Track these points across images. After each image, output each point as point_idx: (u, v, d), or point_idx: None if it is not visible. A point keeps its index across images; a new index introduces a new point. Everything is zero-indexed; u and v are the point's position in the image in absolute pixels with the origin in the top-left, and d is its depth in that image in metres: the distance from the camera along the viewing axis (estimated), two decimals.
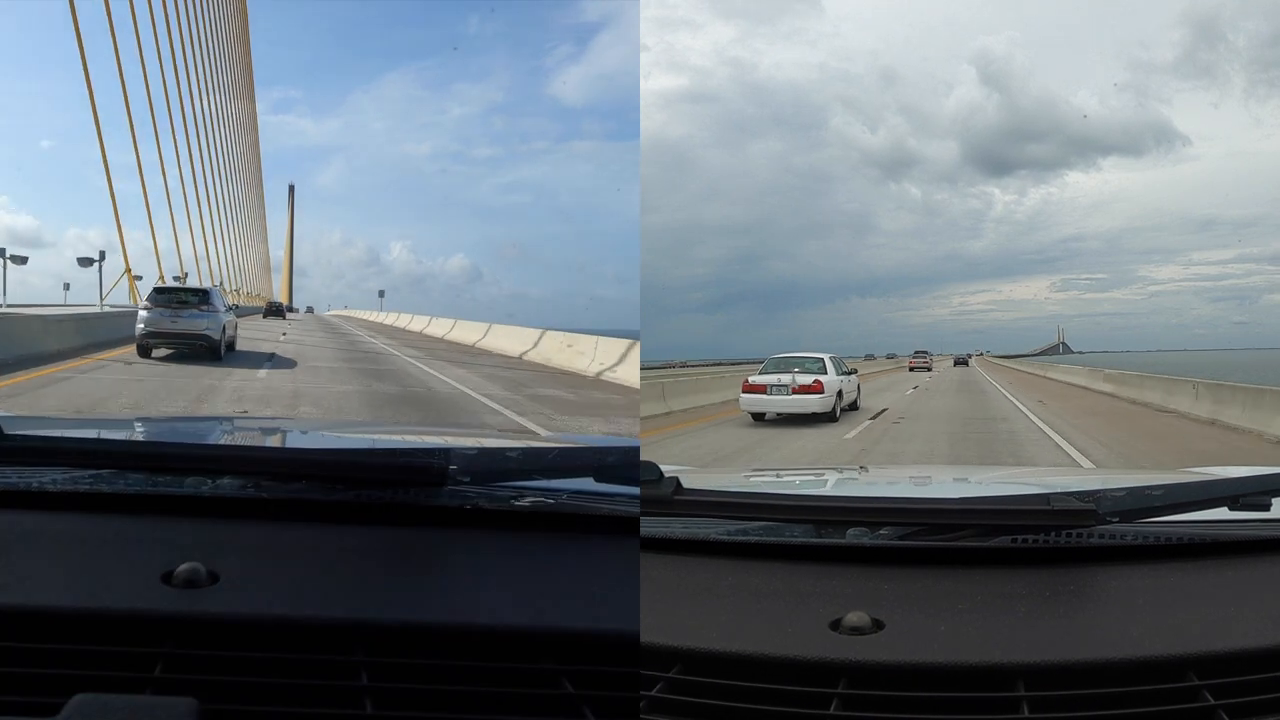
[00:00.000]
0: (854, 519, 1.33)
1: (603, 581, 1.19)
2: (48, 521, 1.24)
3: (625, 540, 1.32)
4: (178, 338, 17.85)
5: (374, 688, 0.95)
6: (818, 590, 1.20)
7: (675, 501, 1.31)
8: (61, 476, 1.36)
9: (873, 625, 1.08)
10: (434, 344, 30.75)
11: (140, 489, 1.34)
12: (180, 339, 17.88)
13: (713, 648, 1.06)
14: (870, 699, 0.98)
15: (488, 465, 1.45)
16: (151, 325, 17.65)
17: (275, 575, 1.12)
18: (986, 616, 1.12)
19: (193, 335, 17.83)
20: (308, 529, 1.28)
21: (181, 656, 0.96)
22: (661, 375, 29.35)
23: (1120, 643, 1.04)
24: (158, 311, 17.86)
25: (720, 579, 1.26)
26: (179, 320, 17.76)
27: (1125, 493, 1.33)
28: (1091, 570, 1.26)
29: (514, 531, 1.34)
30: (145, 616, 1.00)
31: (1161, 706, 0.97)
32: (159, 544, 1.18)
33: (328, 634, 1.01)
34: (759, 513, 1.38)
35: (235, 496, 1.34)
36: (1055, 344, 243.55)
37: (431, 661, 0.99)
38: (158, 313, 17.84)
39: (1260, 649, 1.03)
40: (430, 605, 1.08)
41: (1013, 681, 0.99)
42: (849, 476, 2.54)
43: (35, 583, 1.05)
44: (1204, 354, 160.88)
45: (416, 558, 1.22)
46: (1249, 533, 1.34)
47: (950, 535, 1.27)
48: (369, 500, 1.34)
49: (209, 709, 0.87)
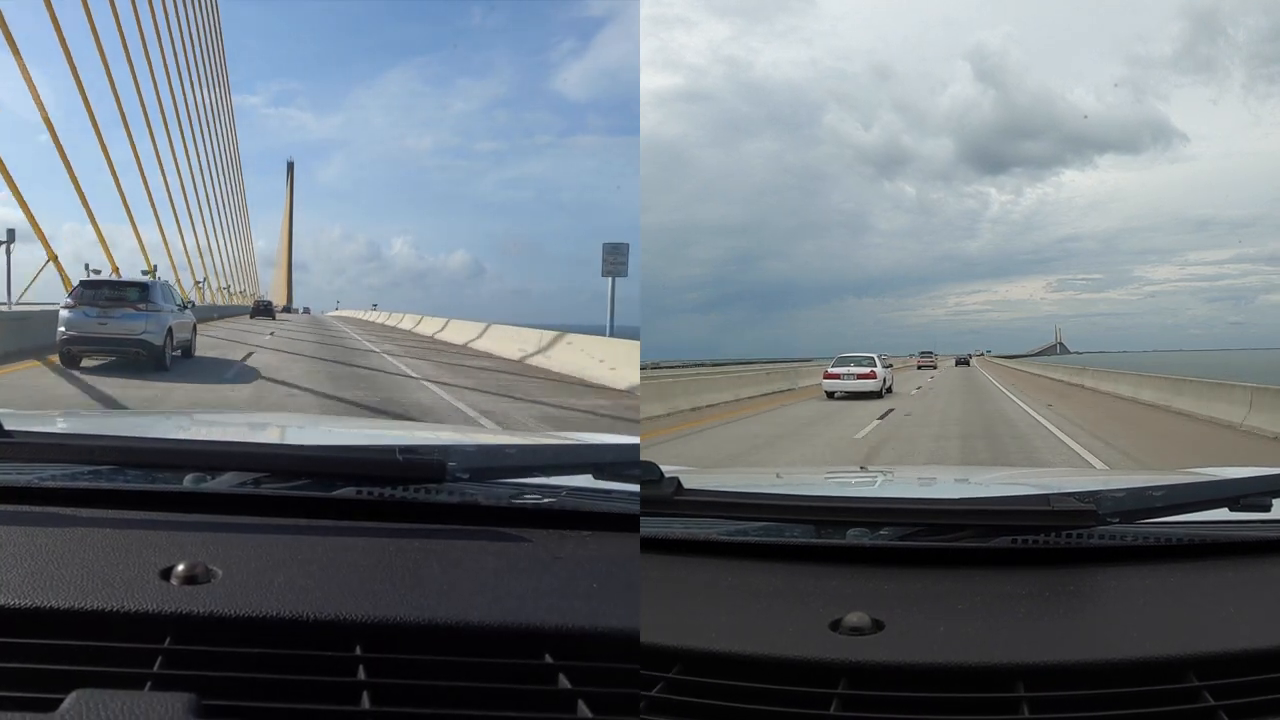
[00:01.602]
0: (854, 519, 1.33)
1: (602, 579, 1.19)
2: (47, 517, 1.24)
3: (625, 538, 1.32)
4: (108, 343, 14.42)
5: (372, 683, 0.95)
6: (818, 590, 1.20)
7: (675, 501, 1.31)
8: (61, 472, 1.36)
9: (873, 625, 1.08)
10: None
11: (139, 485, 1.34)
12: (111, 345, 14.44)
13: (713, 648, 1.06)
14: (870, 699, 0.98)
15: (487, 462, 1.45)
16: (74, 328, 14.12)
17: (274, 571, 1.11)
18: (986, 617, 1.12)
19: (126, 340, 14.29)
20: (307, 525, 1.28)
21: (180, 652, 0.96)
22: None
23: (1120, 643, 1.04)
24: (82, 311, 14.26)
25: (720, 579, 1.26)
26: (109, 322, 14.24)
27: (1125, 493, 1.33)
28: (1091, 571, 1.26)
29: (513, 528, 1.34)
30: (144, 613, 1.00)
31: (1161, 707, 0.97)
32: (158, 540, 1.18)
33: (326, 630, 1.01)
34: (759, 513, 1.38)
35: (234, 493, 1.34)
36: (1053, 344, 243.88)
37: (429, 657, 0.99)
38: (82, 313, 14.25)
39: (1261, 649, 1.03)
40: (428, 601, 1.08)
41: (1013, 682, 0.99)
42: (849, 477, 2.54)
43: (35, 579, 1.05)
44: (1200, 354, 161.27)
45: (415, 554, 1.22)
46: (1249, 533, 1.34)
47: (950, 536, 1.27)
48: (368, 497, 1.34)
49: (207, 704, 0.87)
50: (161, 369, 14.38)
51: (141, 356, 14.29)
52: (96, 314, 14.27)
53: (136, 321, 14.34)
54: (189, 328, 17.22)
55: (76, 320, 14.21)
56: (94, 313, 14.28)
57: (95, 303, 14.38)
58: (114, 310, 14.35)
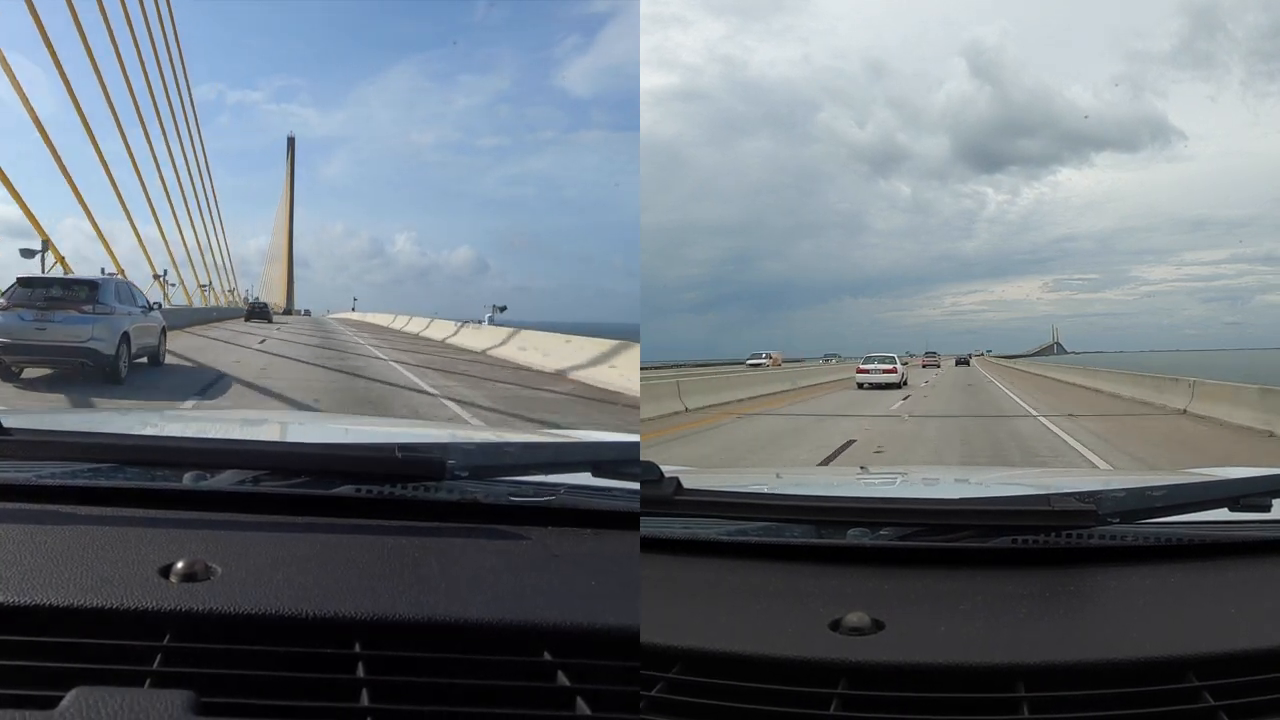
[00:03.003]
0: (854, 519, 1.33)
1: (601, 577, 1.19)
2: (46, 515, 1.24)
3: (624, 536, 1.32)
4: (47, 352, 12.05)
5: (371, 681, 0.95)
6: (818, 590, 1.20)
7: (676, 502, 1.31)
8: (60, 470, 1.35)
9: (873, 625, 1.08)
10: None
11: (139, 483, 1.34)
12: (50, 354, 12.09)
13: (713, 648, 1.06)
14: (870, 699, 0.98)
15: (486, 460, 1.44)
16: (6, 334, 11.81)
17: (273, 569, 1.11)
18: (986, 617, 1.12)
19: (69, 349, 11.88)
20: (306, 523, 1.28)
21: (179, 650, 0.96)
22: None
23: (1120, 643, 1.04)
24: (17, 315, 11.89)
25: (720, 579, 1.26)
26: (49, 326, 11.86)
27: (1125, 493, 1.33)
28: (1091, 571, 1.26)
29: (512, 526, 1.34)
30: (144, 610, 1.00)
31: (1161, 707, 0.97)
32: (157, 538, 1.18)
33: (325, 627, 1.01)
34: (759, 513, 1.38)
35: (234, 491, 1.34)
36: (1050, 344, 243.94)
37: (428, 655, 0.99)
38: (17, 316, 11.88)
39: (1260, 650, 1.03)
40: (427, 599, 1.08)
41: (1013, 682, 0.99)
42: (849, 477, 2.54)
43: (34, 577, 1.05)
44: (1197, 354, 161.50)
45: (415, 552, 1.22)
46: (1249, 533, 1.34)
47: (950, 536, 1.27)
48: (368, 495, 1.34)
49: (206, 702, 0.87)
50: (113, 382, 12.11)
51: (88, 368, 11.95)
52: (34, 317, 11.88)
53: (81, 326, 11.94)
54: (154, 332, 14.80)
55: (9, 325, 11.84)
56: (30, 316, 11.89)
57: (33, 304, 11.99)
58: (54, 313, 11.95)
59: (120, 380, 12.34)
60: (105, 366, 12.15)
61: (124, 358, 12.64)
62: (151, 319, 14.73)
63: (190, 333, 27.59)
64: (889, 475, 2.97)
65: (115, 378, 12.25)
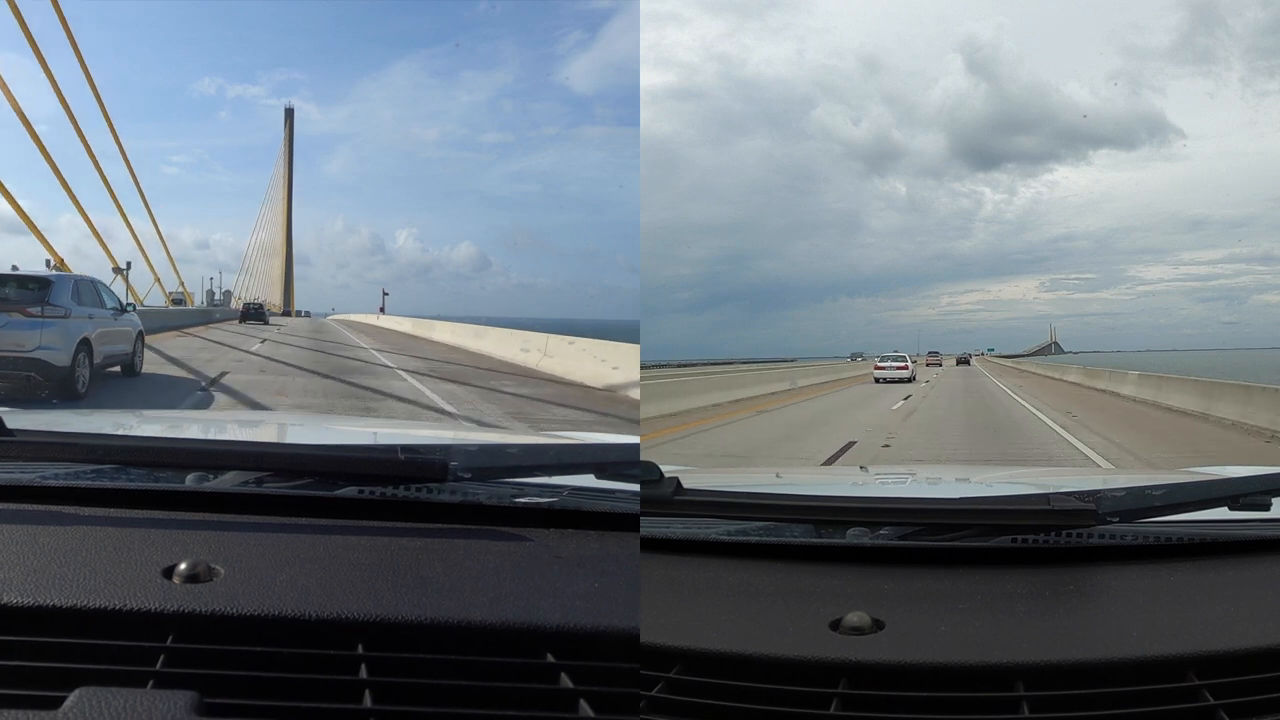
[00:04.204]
0: (854, 519, 1.34)
1: (603, 579, 1.19)
2: (50, 516, 1.24)
3: (625, 537, 1.32)
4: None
5: (374, 682, 0.95)
6: (818, 590, 1.20)
7: (676, 501, 1.31)
8: (64, 471, 1.36)
9: (873, 625, 1.08)
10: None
11: (142, 484, 1.34)
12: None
13: (713, 648, 1.06)
14: (870, 699, 0.98)
15: (489, 462, 1.45)
16: None
17: (276, 570, 1.12)
18: (986, 616, 1.12)
19: (10, 359, 9.94)
20: (309, 524, 1.28)
21: (182, 651, 0.96)
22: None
23: (1120, 643, 1.04)
24: None
25: (720, 579, 1.26)
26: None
27: (1125, 493, 1.33)
28: (1091, 570, 1.26)
29: (514, 528, 1.34)
30: (147, 611, 1.00)
31: (1161, 706, 0.97)
32: (161, 539, 1.18)
33: (328, 629, 1.01)
34: (759, 513, 1.38)
35: (237, 492, 1.34)
36: (1048, 344, 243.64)
37: (431, 656, 0.99)
38: None
39: (1260, 649, 1.03)
40: (430, 600, 1.08)
41: (1013, 681, 0.99)
42: (849, 476, 2.54)
43: (38, 577, 1.05)
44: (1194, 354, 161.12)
45: (417, 553, 1.22)
46: (1249, 533, 1.34)
47: (950, 535, 1.28)
48: (371, 496, 1.34)
49: (210, 703, 0.87)
50: (69, 396, 10.23)
51: (35, 381, 10.03)
52: None
53: (27, 332, 10.05)
54: (128, 337, 12.83)
55: None
56: None
57: None
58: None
59: (78, 394, 10.46)
60: (57, 379, 10.19)
61: (82, 366, 10.69)
62: (125, 322, 12.71)
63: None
64: (889, 475, 2.97)
65: (70, 391, 10.31)
